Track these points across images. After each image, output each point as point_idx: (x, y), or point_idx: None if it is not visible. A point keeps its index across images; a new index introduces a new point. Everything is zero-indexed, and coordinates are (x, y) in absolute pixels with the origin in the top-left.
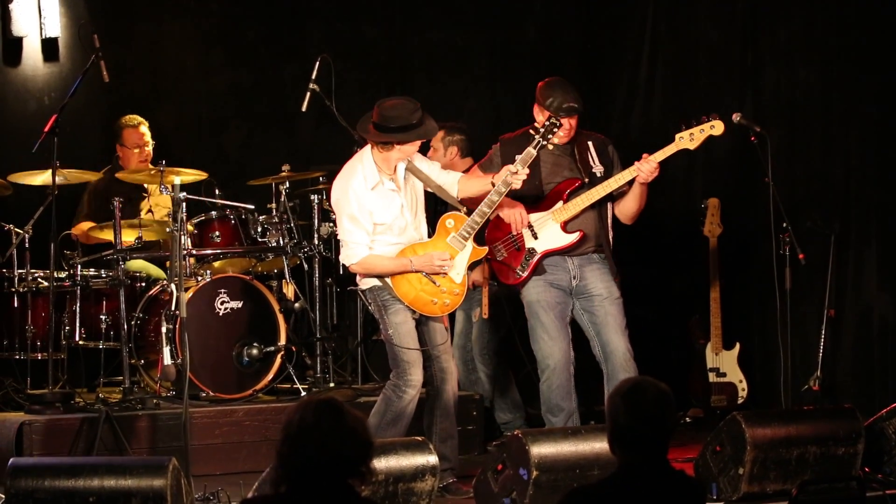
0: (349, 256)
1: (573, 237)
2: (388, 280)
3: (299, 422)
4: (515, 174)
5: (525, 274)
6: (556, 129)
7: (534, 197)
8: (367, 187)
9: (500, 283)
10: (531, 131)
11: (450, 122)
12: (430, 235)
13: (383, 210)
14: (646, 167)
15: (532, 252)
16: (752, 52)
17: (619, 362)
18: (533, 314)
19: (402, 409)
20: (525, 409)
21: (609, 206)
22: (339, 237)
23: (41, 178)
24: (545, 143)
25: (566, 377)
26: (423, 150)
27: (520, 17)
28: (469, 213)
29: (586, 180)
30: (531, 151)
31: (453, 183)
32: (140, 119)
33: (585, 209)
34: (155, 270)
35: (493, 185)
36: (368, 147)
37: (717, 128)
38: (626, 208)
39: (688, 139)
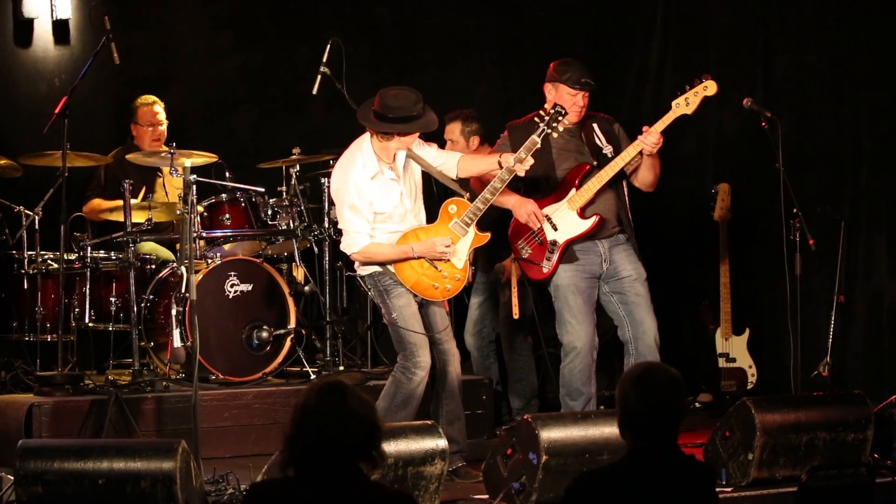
0: (350, 246)
1: (590, 222)
2: (389, 266)
3: (304, 405)
4: (521, 161)
5: (550, 267)
6: (561, 118)
7: (547, 185)
8: (366, 176)
9: (529, 280)
10: (536, 119)
11: (463, 111)
12: (429, 222)
13: (384, 199)
14: (649, 139)
15: (554, 244)
16: (763, 37)
17: (649, 342)
18: (561, 298)
19: (411, 391)
20: (539, 395)
21: (624, 183)
22: (339, 226)
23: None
24: (549, 131)
25: (589, 362)
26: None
27: (530, 0)
28: (472, 200)
29: (595, 163)
30: (535, 139)
31: (453, 165)
32: (155, 98)
33: (600, 191)
34: (165, 252)
35: (500, 165)
36: (367, 135)
37: (709, 88)
38: (643, 178)
39: (684, 104)
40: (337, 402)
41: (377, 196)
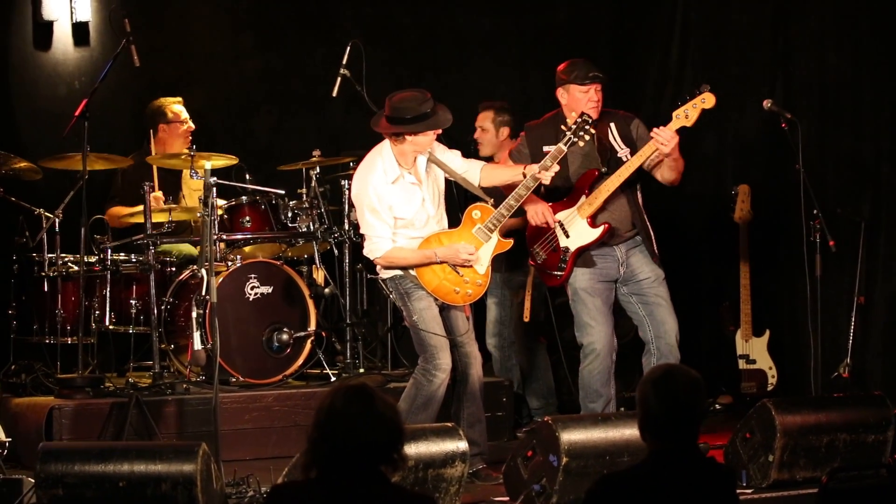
0: (373, 251)
1: (599, 231)
2: (410, 269)
3: (329, 407)
4: (547, 170)
5: (563, 274)
6: (588, 126)
7: (560, 190)
8: (387, 181)
9: (546, 287)
10: (563, 127)
11: (497, 102)
12: (450, 227)
13: (404, 204)
14: (666, 142)
15: (566, 251)
16: (783, 38)
17: (670, 342)
18: (579, 301)
19: (432, 394)
20: (556, 395)
21: (638, 186)
22: (360, 231)
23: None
24: (576, 140)
25: (608, 364)
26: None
27: (550, 1)
28: (496, 205)
29: (604, 170)
30: (561, 148)
31: (476, 173)
32: (177, 98)
33: (613, 196)
34: (187, 248)
35: (524, 175)
36: (387, 141)
37: (707, 101)
38: (666, 176)
39: (683, 117)
40: (364, 404)
41: (397, 201)
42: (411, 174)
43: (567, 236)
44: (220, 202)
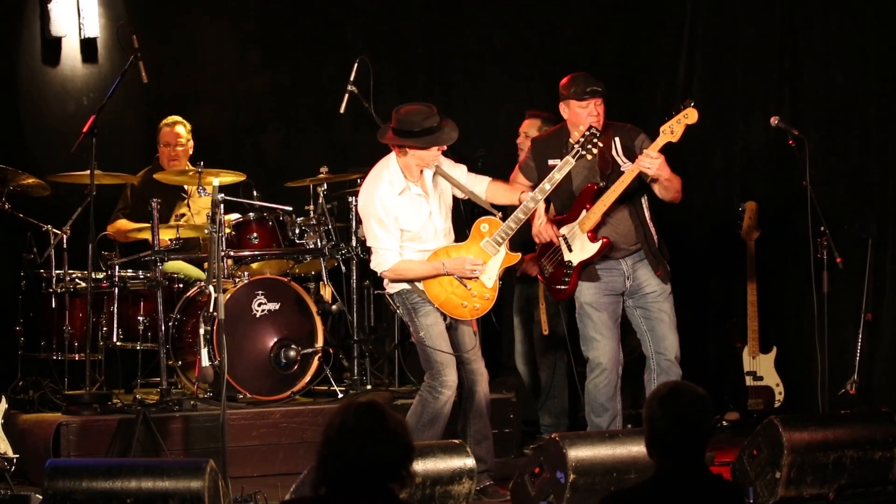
0: (380, 264)
1: (598, 246)
2: (418, 283)
3: (340, 424)
4: (553, 182)
5: (568, 288)
6: (595, 139)
7: (564, 203)
8: (393, 193)
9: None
10: (571, 140)
11: (544, 112)
12: (457, 241)
13: (411, 217)
14: (645, 162)
15: (569, 265)
16: (790, 53)
17: (670, 358)
18: (585, 315)
19: (438, 410)
20: (572, 411)
21: (643, 199)
22: (367, 244)
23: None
24: (584, 153)
25: (614, 378)
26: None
27: (557, 17)
28: (504, 219)
29: (602, 184)
30: (569, 160)
31: (482, 189)
32: (177, 119)
33: (614, 211)
34: (193, 271)
35: (520, 202)
36: (394, 153)
37: (690, 116)
38: (662, 195)
39: (669, 132)
40: (376, 421)
41: (404, 213)
42: (417, 186)
43: (570, 250)
44: (232, 215)
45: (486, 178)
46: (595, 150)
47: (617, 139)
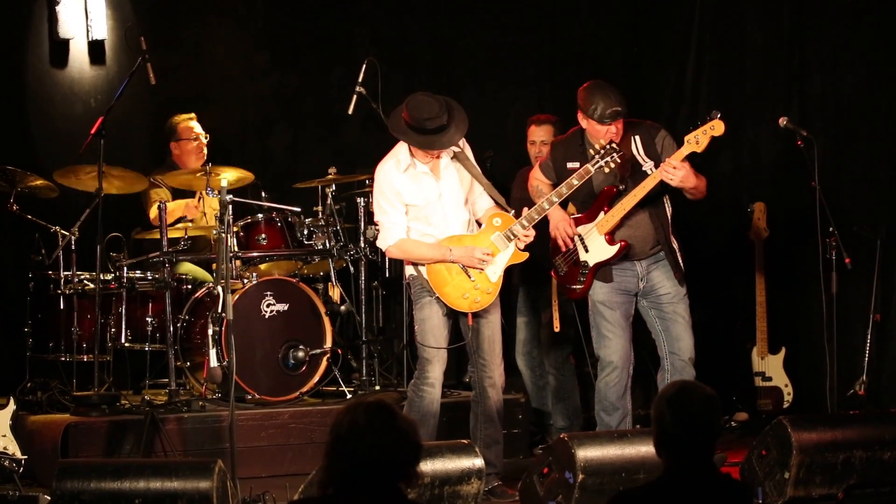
0: (385, 239)
1: (615, 249)
2: (422, 268)
3: (350, 423)
4: (571, 188)
5: (583, 288)
6: (615, 154)
7: (584, 203)
8: (398, 170)
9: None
10: (591, 151)
11: (552, 117)
12: None
13: (415, 192)
14: (668, 172)
15: (585, 265)
16: (799, 56)
17: (685, 359)
18: (598, 313)
19: (425, 410)
20: (582, 415)
21: (665, 200)
22: (374, 219)
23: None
24: (602, 164)
25: (624, 376)
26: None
27: (566, 20)
28: (517, 216)
29: (622, 187)
30: (589, 169)
31: (481, 207)
32: (190, 115)
33: (634, 213)
34: (202, 273)
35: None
36: None
37: (717, 128)
38: (689, 196)
39: (694, 143)
40: (386, 420)
41: (406, 189)
42: (425, 165)
43: (587, 251)
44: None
45: (490, 203)
46: (613, 165)
47: (637, 137)
